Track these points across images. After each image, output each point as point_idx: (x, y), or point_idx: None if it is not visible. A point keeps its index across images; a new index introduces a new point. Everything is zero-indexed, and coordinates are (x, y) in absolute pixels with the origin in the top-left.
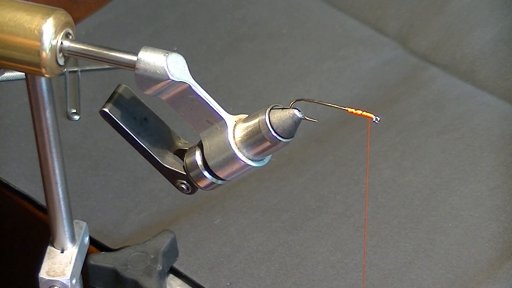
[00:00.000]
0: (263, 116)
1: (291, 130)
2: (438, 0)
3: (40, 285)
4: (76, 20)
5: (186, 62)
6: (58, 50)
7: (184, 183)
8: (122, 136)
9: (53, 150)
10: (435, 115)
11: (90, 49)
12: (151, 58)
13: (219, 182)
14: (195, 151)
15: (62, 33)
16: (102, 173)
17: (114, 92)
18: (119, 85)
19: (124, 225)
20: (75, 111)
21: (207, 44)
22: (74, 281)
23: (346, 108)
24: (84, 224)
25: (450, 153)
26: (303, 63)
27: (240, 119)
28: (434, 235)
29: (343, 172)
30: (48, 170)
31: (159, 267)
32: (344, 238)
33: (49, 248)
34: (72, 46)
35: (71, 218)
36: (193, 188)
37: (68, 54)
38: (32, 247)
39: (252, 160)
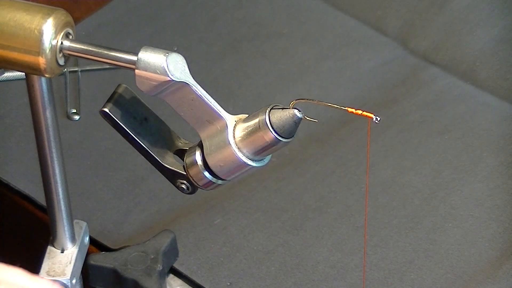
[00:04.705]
0: (263, 116)
1: (291, 130)
2: (438, 0)
3: None
4: (76, 20)
5: (186, 62)
6: (58, 50)
7: (184, 183)
8: (122, 136)
9: (53, 150)
10: (435, 115)
11: (90, 49)
12: (151, 58)
13: (219, 182)
14: (195, 151)
15: (62, 33)
16: (102, 173)
17: (114, 92)
18: (119, 85)
19: (124, 225)
20: (75, 111)
21: (207, 44)
22: (74, 281)
23: (346, 108)
24: (84, 224)
25: (450, 153)
26: (303, 63)
27: (240, 119)
28: (434, 235)
29: (343, 172)
30: (48, 170)
31: (159, 267)
32: (344, 238)
33: (49, 248)
34: (72, 46)
35: (71, 218)
36: (193, 188)
37: (68, 54)
38: (32, 247)
39: (252, 160)
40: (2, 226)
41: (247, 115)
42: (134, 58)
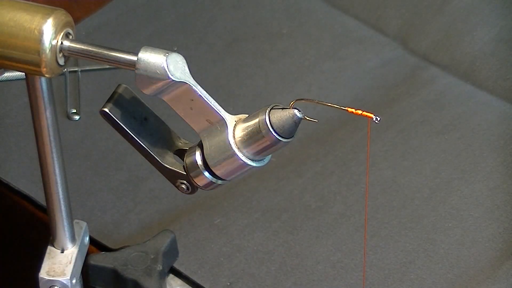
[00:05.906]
0: (263, 116)
1: (291, 130)
2: (438, 0)
3: (40, 285)
4: (76, 20)
5: (186, 62)
6: (58, 50)
7: (184, 183)
8: (122, 136)
9: (53, 150)
10: (435, 115)
11: (90, 49)
12: (151, 58)
13: (219, 182)
14: (195, 151)
15: (62, 33)
16: (102, 173)
17: (114, 92)
18: (119, 85)
19: (124, 225)
20: (75, 111)
21: (207, 44)
22: (74, 281)
23: (346, 108)
24: (84, 224)
25: (450, 153)
26: (303, 63)
27: (240, 119)
28: (434, 235)
29: (343, 172)
30: (48, 170)
31: (159, 267)
32: (344, 238)
33: (49, 248)
34: (72, 46)
35: (71, 218)
36: (193, 188)
37: (68, 54)
38: (32, 247)
39: (252, 160)
40: (2, 226)
41: (247, 115)
42: (134, 58)
